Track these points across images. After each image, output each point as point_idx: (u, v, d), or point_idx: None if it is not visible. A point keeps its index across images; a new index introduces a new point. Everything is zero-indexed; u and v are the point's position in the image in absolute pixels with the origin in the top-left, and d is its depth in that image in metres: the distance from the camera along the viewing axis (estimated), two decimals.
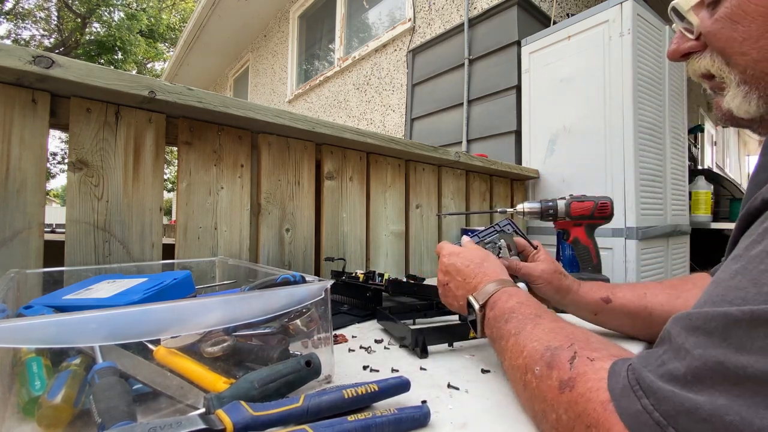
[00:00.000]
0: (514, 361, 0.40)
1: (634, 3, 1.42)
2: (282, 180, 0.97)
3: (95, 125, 0.69)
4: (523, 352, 0.39)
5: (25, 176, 0.62)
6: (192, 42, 5.07)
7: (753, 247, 0.27)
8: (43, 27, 11.77)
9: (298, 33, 4.04)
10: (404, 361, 0.54)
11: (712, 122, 5.61)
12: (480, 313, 0.49)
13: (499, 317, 0.45)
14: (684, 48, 0.41)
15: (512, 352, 0.41)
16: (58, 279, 0.60)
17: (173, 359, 0.40)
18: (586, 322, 0.65)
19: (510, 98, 1.86)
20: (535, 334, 0.39)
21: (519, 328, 0.42)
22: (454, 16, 2.25)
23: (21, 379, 0.36)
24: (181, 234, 0.80)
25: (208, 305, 0.39)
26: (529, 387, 0.36)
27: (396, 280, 0.84)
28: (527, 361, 0.37)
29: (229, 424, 0.31)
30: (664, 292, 0.59)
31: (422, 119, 2.39)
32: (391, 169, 1.24)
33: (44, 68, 0.57)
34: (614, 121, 1.43)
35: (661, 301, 0.58)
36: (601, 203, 0.90)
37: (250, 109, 0.81)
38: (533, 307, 0.45)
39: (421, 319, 0.76)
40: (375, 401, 0.39)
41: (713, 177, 2.23)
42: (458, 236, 1.45)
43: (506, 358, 0.42)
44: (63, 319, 0.31)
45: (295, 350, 0.48)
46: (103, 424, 0.30)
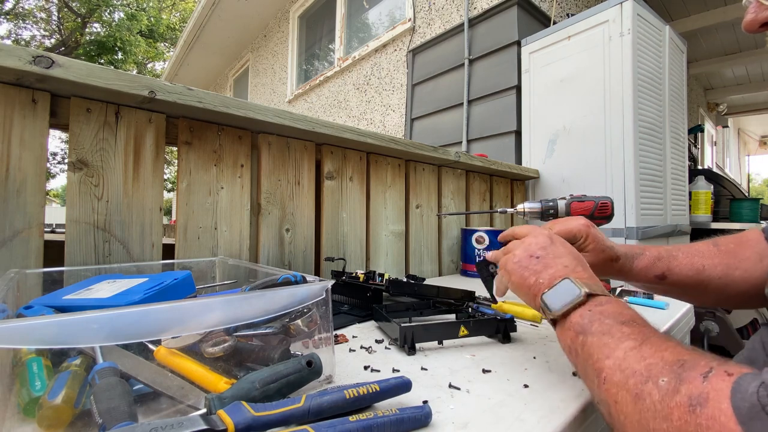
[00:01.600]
0: (626, 364, 0.34)
1: (634, 3, 1.42)
2: (282, 180, 0.97)
3: (95, 125, 0.69)
4: (645, 359, 0.34)
5: (25, 176, 0.62)
6: (192, 42, 5.07)
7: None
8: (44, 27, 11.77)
9: (298, 33, 4.04)
10: (405, 361, 0.54)
11: (712, 122, 5.62)
12: (583, 297, 0.42)
13: (613, 315, 0.40)
14: (762, 17, 0.39)
15: (627, 354, 0.35)
16: (58, 279, 0.60)
17: (174, 359, 0.40)
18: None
19: (510, 98, 1.86)
20: (665, 346, 0.34)
21: (642, 336, 0.36)
22: (454, 16, 2.25)
23: (21, 379, 0.36)
24: (181, 234, 0.80)
25: (209, 305, 0.39)
26: (646, 399, 0.31)
27: (396, 280, 0.84)
28: (651, 370, 0.32)
29: (231, 424, 0.31)
30: (723, 263, 0.58)
31: (422, 119, 2.39)
32: (391, 169, 1.24)
33: (44, 68, 0.57)
34: (614, 121, 1.43)
35: (719, 274, 0.57)
36: (601, 203, 0.90)
37: (250, 109, 0.81)
38: (652, 325, 0.40)
39: (418, 317, 0.76)
40: (376, 401, 0.39)
41: (713, 177, 2.23)
42: (459, 236, 1.45)
43: (612, 357, 0.36)
44: (63, 320, 0.31)
45: (296, 350, 0.48)
46: (104, 425, 0.30)
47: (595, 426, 0.45)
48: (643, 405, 0.31)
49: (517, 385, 0.47)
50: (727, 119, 6.24)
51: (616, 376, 0.34)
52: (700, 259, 0.59)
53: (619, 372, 0.34)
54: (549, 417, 0.40)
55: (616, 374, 0.34)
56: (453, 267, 1.45)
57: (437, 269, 1.39)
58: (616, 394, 0.34)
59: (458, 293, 0.82)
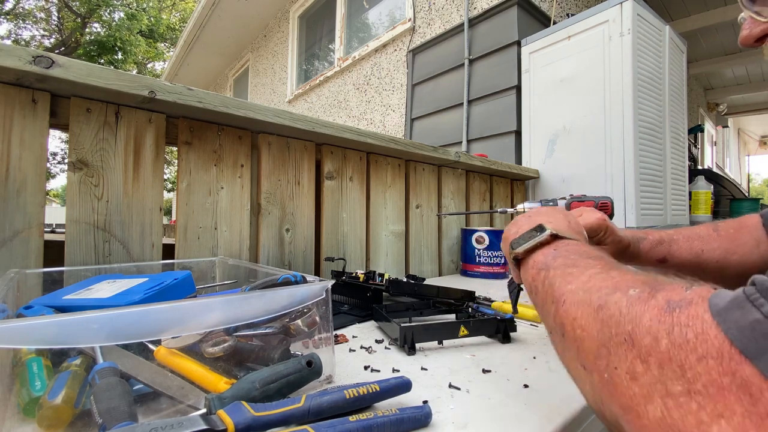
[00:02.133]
0: (591, 284, 0.31)
1: (634, 3, 1.42)
2: (282, 180, 0.97)
3: (95, 125, 0.69)
4: (613, 277, 0.30)
5: (25, 176, 0.62)
6: (192, 42, 5.07)
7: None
8: (44, 27, 11.77)
9: (298, 33, 4.04)
10: (405, 362, 0.54)
11: (712, 122, 5.62)
12: (548, 237, 0.41)
13: (578, 252, 0.38)
14: (757, 32, 0.40)
15: (592, 278, 0.31)
16: (58, 279, 0.60)
17: (174, 359, 0.40)
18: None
19: (510, 98, 1.86)
20: (635, 272, 0.31)
21: (610, 265, 0.33)
22: (454, 16, 2.25)
23: (21, 379, 0.36)
24: (181, 234, 0.80)
25: (209, 305, 0.39)
26: (610, 307, 0.27)
27: (396, 280, 0.84)
28: (620, 282, 0.29)
29: (231, 424, 0.31)
30: (721, 247, 0.59)
31: (422, 119, 2.39)
32: (391, 169, 1.24)
33: (44, 68, 0.57)
34: (614, 121, 1.43)
35: (717, 258, 0.58)
36: (601, 203, 0.90)
37: (250, 109, 0.81)
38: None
39: (418, 317, 0.76)
40: (376, 401, 0.39)
41: (713, 177, 2.23)
42: (459, 236, 1.45)
43: (574, 282, 0.32)
44: (63, 320, 0.31)
45: (296, 350, 0.48)
46: (104, 425, 0.30)
47: (595, 426, 0.45)
48: (607, 313, 0.27)
49: (517, 385, 0.47)
50: (727, 119, 6.25)
51: (577, 295, 0.31)
52: (699, 243, 0.60)
53: (581, 292, 0.31)
54: (549, 417, 0.40)
55: (578, 294, 0.31)
56: (453, 267, 1.45)
57: (437, 269, 1.39)
58: (575, 312, 0.30)
59: (458, 293, 0.82)
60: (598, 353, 0.27)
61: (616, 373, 0.25)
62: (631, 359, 0.24)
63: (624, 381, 0.25)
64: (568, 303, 0.31)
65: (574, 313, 0.30)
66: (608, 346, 0.26)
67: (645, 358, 0.23)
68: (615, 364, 0.25)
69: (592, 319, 0.28)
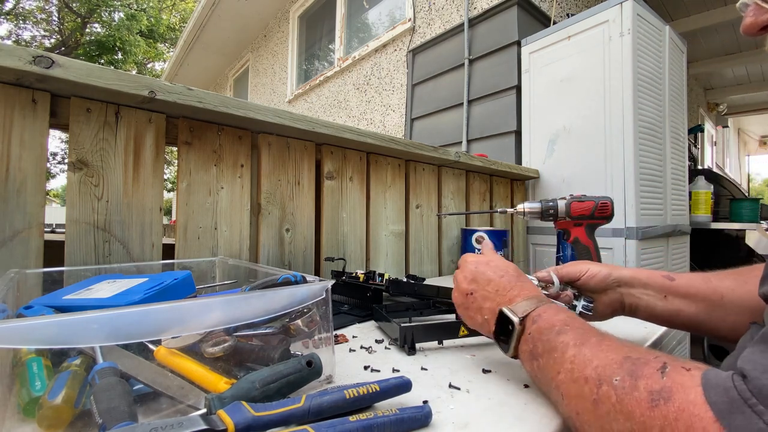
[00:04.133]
0: (578, 373, 0.34)
1: (634, 3, 1.42)
2: (282, 180, 0.97)
3: (95, 125, 0.69)
4: (592, 362, 0.33)
5: (25, 176, 0.62)
6: (192, 42, 5.07)
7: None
8: (44, 27, 11.77)
9: (298, 33, 4.04)
10: (405, 362, 0.54)
11: (712, 122, 5.62)
12: (519, 326, 0.43)
13: (547, 329, 0.40)
14: (763, 20, 0.38)
15: (575, 363, 0.35)
16: (58, 279, 0.60)
17: (174, 359, 0.40)
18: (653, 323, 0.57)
19: (510, 98, 1.86)
20: (605, 346, 0.34)
21: (580, 339, 0.36)
22: (454, 16, 2.25)
23: (21, 379, 0.36)
24: (181, 234, 0.80)
25: (209, 305, 0.39)
26: (605, 402, 0.30)
27: (396, 280, 0.84)
28: (601, 372, 0.31)
29: (231, 424, 0.31)
30: (729, 278, 0.53)
31: (422, 119, 2.39)
32: (391, 169, 1.24)
33: (44, 68, 0.57)
34: (614, 121, 1.43)
35: (730, 286, 0.52)
36: (601, 203, 0.90)
37: (250, 109, 0.81)
38: (589, 325, 0.40)
39: (418, 317, 0.76)
40: (376, 401, 0.39)
41: (713, 177, 2.23)
42: (459, 236, 1.45)
43: (563, 371, 0.36)
44: (63, 320, 0.31)
45: (296, 350, 0.48)
46: (104, 425, 0.30)
47: None
48: (603, 409, 0.30)
49: (517, 385, 0.47)
50: (727, 119, 6.24)
51: (571, 388, 0.34)
52: (702, 274, 0.56)
53: (572, 383, 0.34)
54: (549, 417, 0.39)
55: (571, 387, 0.34)
56: (453, 267, 1.45)
57: (437, 269, 1.39)
58: (576, 406, 0.33)
59: None
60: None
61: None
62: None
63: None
64: (567, 397, 0.35)
65: (575, 407, 0.34)
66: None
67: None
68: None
69: (593, 416, 0.31)
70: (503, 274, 0.51)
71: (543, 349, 0.39)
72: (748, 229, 1.95)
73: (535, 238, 1.73)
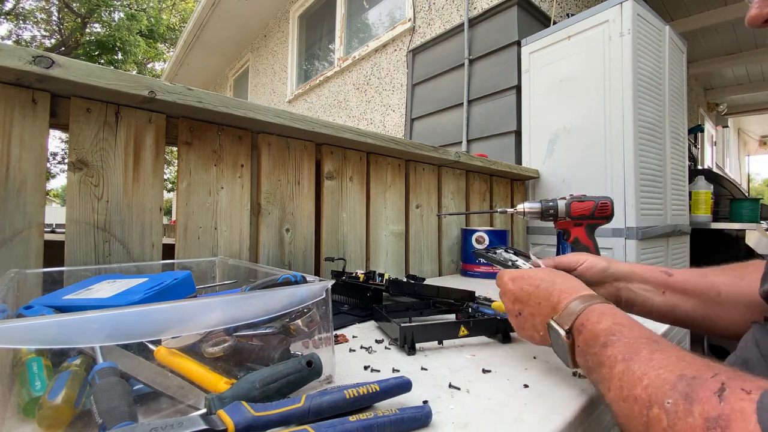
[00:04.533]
0: (627, 391, 0.32)
1: (634, 3, 1.42)
2: (282, 180, 0.97)
3: (95, 125, 0.69)
4: (642, 381, 0.31)
5: (25, 176, 0.62)
6: (192, 42, 5.07)
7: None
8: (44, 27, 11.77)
9: (298, 33, 4.04)
10: (405, 362, 0.54)
11: (712, 122, 5.62)
12: (568, 340, 0.41)
13: (592, 341, 0.38)
14: (767, 12, 0.37)
15: (623, 380, 0.33)
16: (58, 279, 0.60)
17: (174, 359, 0.40)
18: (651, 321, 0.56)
19: (510, 98, 1.86)
20: (657, 361, 0.32)
21: (629, 353, 0.34)
22: (454, 16, 2.25)
23: (21, 379, 0.36)
24: (181, 234, 0.80)
25: (209, 305, 0.39)
26: (655, 426, 0.28)
27: (396, 280, 0.84)
28: (651, 393, 0.29)
29: (231, 424, 0.31)
30: (725, 273, 0.53)
31: (422, 119, 2.39)
32: (391, 169, 1.24)
33: (44, 68, 0.57)
34: (614, 121, 1.43)
35: (726, 281, 0.52)
36: (601, 203, 0.90)
37: (250, 109, 0.81)
38: (640, 329, 0.37)
39: (418, 317, 0.76)
40: (376, 401, 0.39)
41: (713, 177, 2.23)
42: (459, 236, 1.45)
43: (612, 388, 0.34)
44: (63, 320, 0.31)
45: (296, 350, 0.48)
46: (104, 425, 0.30)
47: (595, 426, 0.45)
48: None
49: (517, 385, 0.47)
50: (727, 119, 6.24)
51: (621, 408, 0.33)
52: (697, 269, 0.56)
53: (622, 402, 0.32)
54: (549, 417, 0.39)
55: (621, 406, 0.33)
56: (453, 267, 1.45)
57: (437, 269, 1.39)
58: (628, 427, 0.32)
59: (458, 293, 0.82)
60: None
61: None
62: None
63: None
64: (619, 416, 0.33)
65: (627, 427, 0.32)
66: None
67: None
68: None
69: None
70: (540, 283, 0.49)
71: (593, 363, 0.38)
72: (748, 229, 1.95)
73: (535, 238, 1.73)
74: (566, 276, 0.51)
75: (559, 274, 0.51)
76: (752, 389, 0.25)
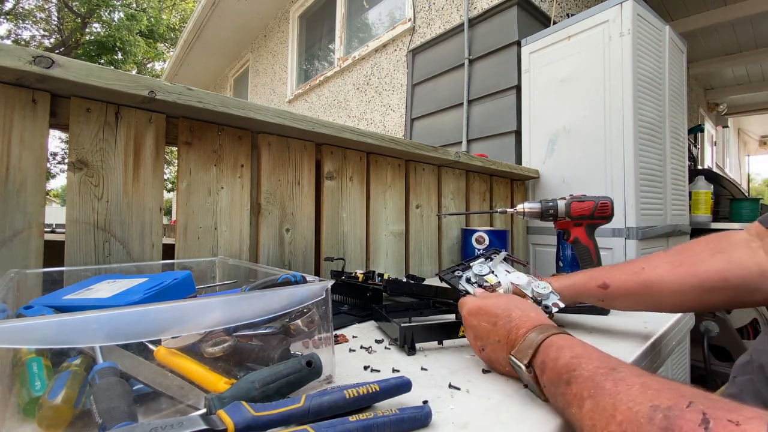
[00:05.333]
0: (601, 430, 0.30)
1: (634, 3, 1.42)
2: (282, 180, 0.97)
3: (95, 125, 0.69)
4: (615, 417, 0.29)
5: (25, 176, 0.62)
6: (192, 42, 5.07)
7: None
8: (44, 27, 11.76)
9: (298, 33, 4.04)
10: (405, 362, 0.54)
11: (712, 122, 5.62)
12: (529, 374, 0.41)
13: (556, 380, 0.37)
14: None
15: (594, 419, 0.31)
16: (58, 279, 0.60)
17: (174, 359, 0.40)
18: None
19: (510, 98, 1.86)
20: (623, 393, 0.30)
21: (593, 388, 0.32)
22: (454, 16, 2.25)
23: (21, 379, 0.36)
24: (181, 234, 0.80)
25: (209, 305, 0.39)
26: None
27: (395, 279, 0.84)
28: (627, 428, 0.28)
29: (231, 424, 0.31)
30: (665, 262, 0.57)
31: (422, 119, 2.39)
32: (391, 169, 1.24)
33: (44, 68, 0.57)
34: (614, 121, 1.43)
35: (661, 273, 0.56)
36: (601, 203, 0.90)
37: (250, 109, 0.81)
38: (598, 357, 0.36)
39: (418, 317, 0.76)
40: (376, 401, 0.39)
41: (713, 177, 2.23)
42: (459, 236, 1.45)
43: (585, 428, 0.32)
44: (63, 320, 0.31)
45: (296, 350, 0.48)
46: (103, 425, 0.30)
47: None
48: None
49: (517, 385, 0.47)
50: (727, 119, 6.24)
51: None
52: (641, 263, 0.59)
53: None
54: (548, 417, 0.39)
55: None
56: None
57: (437, 269, 1.39)
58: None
59: (455, 293, 0.82)
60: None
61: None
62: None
63: None
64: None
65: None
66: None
67: None
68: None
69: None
70: (496, 320, 0.48)
71: (562, 403, 0.36)
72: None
73: (535, 238, 1.73)
74: (522, 304, 0.50)
75: (516, 303, 0.50)
76: (739, 420, 0.24)
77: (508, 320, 0.47)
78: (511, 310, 0.49)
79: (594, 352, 0.38)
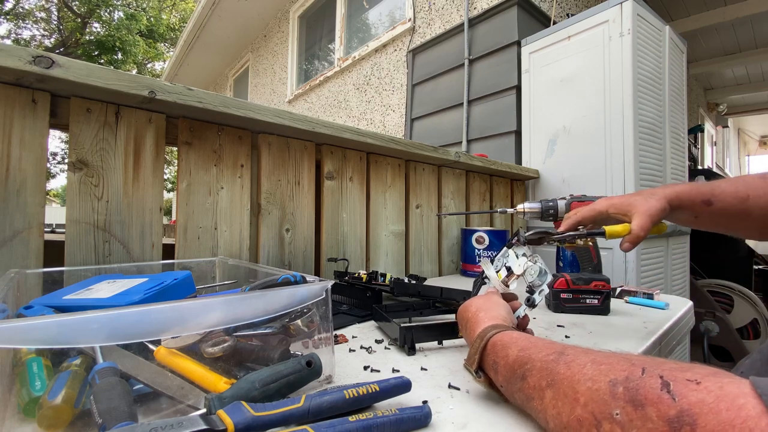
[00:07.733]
0: (567, 416, 0.29)
1: (634, 3, 1.42)
2: (282, 180, 0.97)
3: (95, 125, 0.69)
4: (578, 400, 0.29)
5: (25, 176, 0.62)
6: (192, 42, 5.07)
7: None
8: (44, 27, 11.76)
9: (298, 33, 4.04)
10: (405, 362, 0.54)
11: (712, 122, 5.62)
12: (480, 380, 0.41)
13: (511, 377, 0.36)
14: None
15: (558, 406, 0.30)
16: (58, 279, 0.60)
17: (174, 359, 0.40)
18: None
19: (510, 98, 1.86)
20: (578, 374, 0.30)
21: (549, 376, 0.32)
22: (454, 16, 2.25)
23: (21, 379, 0.36)
24: (181, 234, 0.80)
25: (209, 305, 0.39)
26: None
27: (401, 281, 0.84)
28: (593, 409, 0.27)
29: (230, 424, 0.31)
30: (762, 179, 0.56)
31: (422, 119, 2.39)
32: (391, 169, 1.24)
33: (44, 68, 0.57)
34: (614, 121, 1.43)
35: (762, 205, 0.55)
36: None
37: (250, 109, 0.81)
38: (544, 345, 0.36)
39: (418, 317, 0.76)
40: (376, 401, 0.39)
41: (713, 177, 2.23)
42: (459, 236, 1.45)
43: (550, 418, 0.31)
44: (64, 320, 0.31)
45: (296, 350, 0.48)
46: (104, 425, 0.30)
47: None
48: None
49: None
50: (727, 119, 6.25)
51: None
52: (745, 187, 0.57)
53: (566, 430, 0.29)
54: None
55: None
56: (453, 267, 1.45)
57: (437, 269, 1.39)
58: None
59: (460, 294, 0.82)
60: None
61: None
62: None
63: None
64: (552, 428, 0.31)
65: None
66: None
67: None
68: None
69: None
70: (466, 323, 0.49)
71: (522, 399, 0.36)
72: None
73: None
74: (487, 303, 0.50)
75: (485, 304, 0.49)
76: (697, 378, 0.24)
77: (475, 323, 0.47)
78: (480, 311, 0.48)
79: (538, 341, 0.38)
